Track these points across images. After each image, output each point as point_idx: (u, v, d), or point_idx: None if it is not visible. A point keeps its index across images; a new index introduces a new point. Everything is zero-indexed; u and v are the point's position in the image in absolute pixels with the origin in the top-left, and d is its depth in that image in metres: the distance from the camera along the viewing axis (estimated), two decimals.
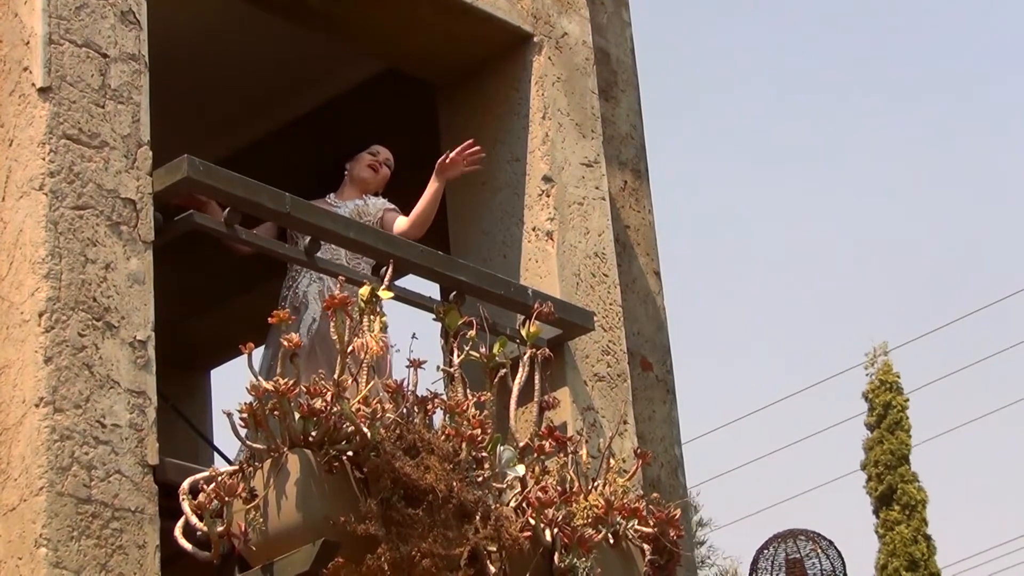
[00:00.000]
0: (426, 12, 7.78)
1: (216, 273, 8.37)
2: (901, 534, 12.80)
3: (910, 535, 13.01)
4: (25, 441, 5.95)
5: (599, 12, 8.66)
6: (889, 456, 13.10)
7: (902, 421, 13.15)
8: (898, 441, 13.11)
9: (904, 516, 12.91)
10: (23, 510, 5.89)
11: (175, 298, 7.24)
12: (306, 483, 6.08)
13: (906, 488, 12.97)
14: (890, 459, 13.11)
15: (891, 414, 13.26)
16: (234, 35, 8.43)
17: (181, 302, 8.00)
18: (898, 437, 13.12)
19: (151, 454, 6.14)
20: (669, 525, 6.96)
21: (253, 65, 8.68)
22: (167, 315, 6.53)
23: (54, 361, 6.00)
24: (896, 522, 12.84)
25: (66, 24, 6.36)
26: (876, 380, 13.21)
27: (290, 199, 6.93)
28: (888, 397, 13.24)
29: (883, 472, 12.97)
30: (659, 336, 8.44)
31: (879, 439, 13.11)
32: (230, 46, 8.52)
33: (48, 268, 6.09)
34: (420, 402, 6.43)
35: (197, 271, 8.53)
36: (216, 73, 8.63)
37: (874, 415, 13.27)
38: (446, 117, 8.24)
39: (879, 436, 13.09)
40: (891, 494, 12.97)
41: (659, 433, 8.19)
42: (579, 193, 7.91)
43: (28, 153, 6.23)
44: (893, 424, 13.19)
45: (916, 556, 12.74)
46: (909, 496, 13.00)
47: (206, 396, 9.71)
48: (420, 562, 6.12)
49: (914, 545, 12.97)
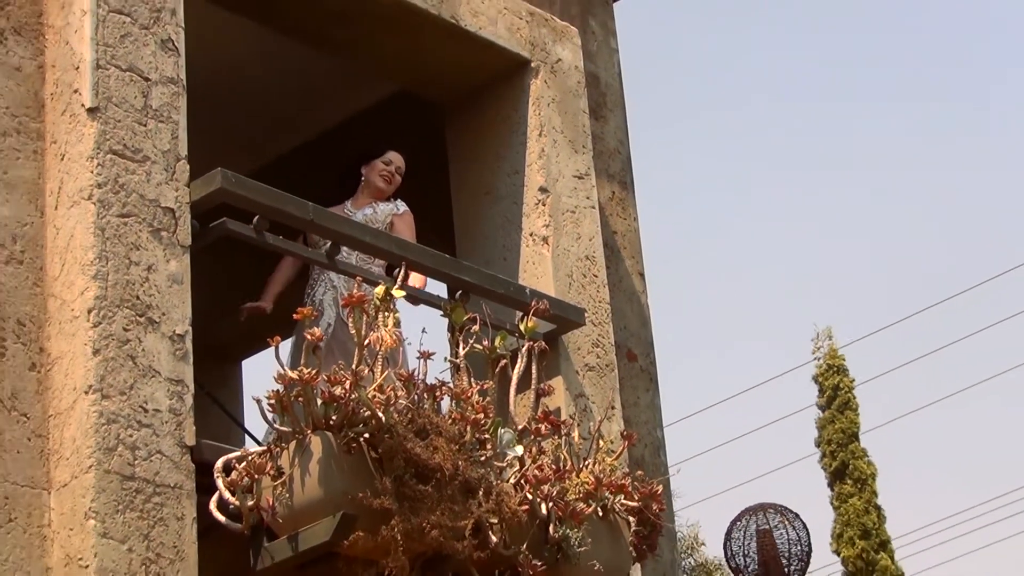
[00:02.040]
0: (434, 40, 7.76)
1: (247, 275, 8.34)
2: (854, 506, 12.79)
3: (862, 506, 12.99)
4: (76, 424, 5.94)
5: (590, 40, 8.64)
6: (840, 435, 13.09)
7: (850, 401, 13.14)
8: (848, 420, 13.09)
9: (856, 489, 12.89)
10: (74, 486, 5.88)
11: (211, 297, 7.20)
12: (327, 462, 6.08)
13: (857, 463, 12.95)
14: (841, 437, 13.09)
15: (840, 395, 13.24)
16: (263, 60, 8.45)
17: (216, 300, 7.96)
18: (847, 416, 13.10)
19: (188, 436, 6.12)
20: (652, 500, 6.96)
21: (280, 87, 8.72)
22: (203, 311, 6.51)
23: (101, 353, 5.98)
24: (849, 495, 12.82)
25: (112, 51, 6.34)
26: (824, 364, 13.18)
27: (312, 207, 6.93)
28: (836, 380, 13.22)
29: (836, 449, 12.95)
30: (643, 331, 8.44)
31: (830, 419, 13.09)
32: (259, 70, 8.55)
33: (96, 270, 6.07)
34: (429, 389, 6.42)
35: (230, 273, 8.50)
36: (247, 94, 8.66)
37: (824, 397, 13.25)
38: (452, 134, 8.23)
39: (830, 416, 13.07)
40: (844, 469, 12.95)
41: (643, 417, 8.18)
42: (572, 202, 7.89)
43: (78, 167, 6.21)
44: (842, 405, 13.18)
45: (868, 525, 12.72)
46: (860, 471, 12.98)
47: (238, 384, 9.73)
48: (429, 532, 6.12)
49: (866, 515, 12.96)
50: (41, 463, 5.96)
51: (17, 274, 6.12)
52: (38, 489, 5.92)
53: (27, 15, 6.43)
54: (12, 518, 5.82)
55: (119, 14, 6.39)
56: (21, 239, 6.17)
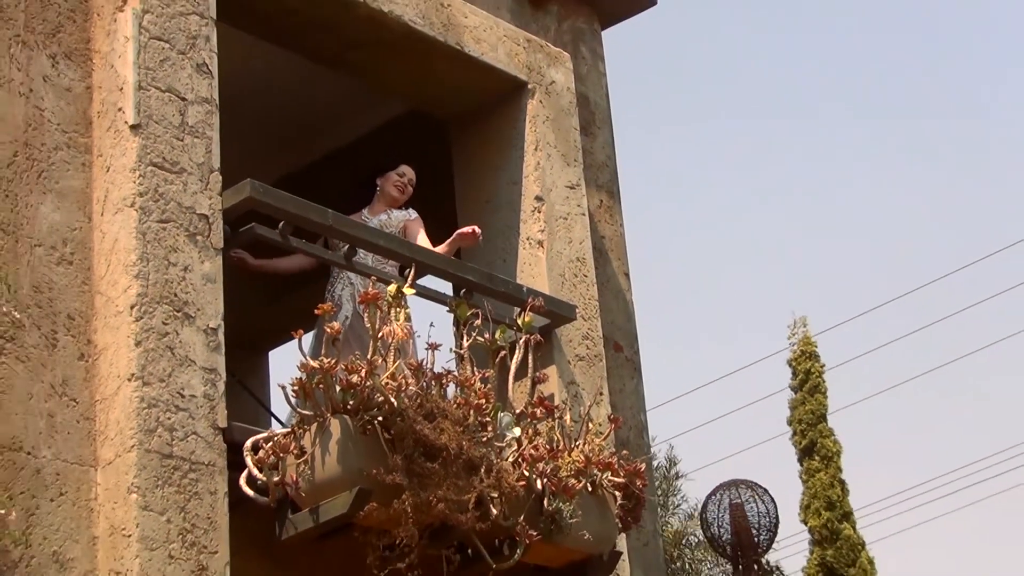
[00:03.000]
0: (440, 64, 7.75)
1: (273, 275, 8.32)
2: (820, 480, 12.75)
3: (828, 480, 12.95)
4: (120, 408, 5.95)
5: (581, 64, 8.64)
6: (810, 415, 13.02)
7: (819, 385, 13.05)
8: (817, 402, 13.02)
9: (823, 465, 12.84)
10: (118, 464, 5.89)
11: (242, 294, 7.20)
12: (345, 443, 6.09)
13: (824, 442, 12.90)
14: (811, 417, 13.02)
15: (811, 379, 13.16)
16: (287, 81, 8.42)
17: (246, 297, 7.95)
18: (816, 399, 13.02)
19: (221, 419, 6.13)
20: (636, 476, 6.95)
21: (302, 105, 8.69)
22: (234, 307, 6.51)
23: (143, 344, 5.99)
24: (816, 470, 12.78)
25: (152, 74, 6.34)
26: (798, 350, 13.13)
27: (332, 214, 6.92)
28: (808, 365, 13.13)
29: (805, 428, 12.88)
30: (628, 324, 8.42)
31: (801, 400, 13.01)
32: (284, 90, 8.52)
33: (138, 270, 6.07)
34: (436, 377, 6.43)
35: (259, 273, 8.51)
36: (273, 111, 8.63)
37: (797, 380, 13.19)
38: (457, 149, 8.22)
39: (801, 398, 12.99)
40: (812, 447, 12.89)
41: (628, 402, 8.17)
42: (564, 210, 7.88)
43: (121, 177, 6.22)
44: (813, 388, 13.09)
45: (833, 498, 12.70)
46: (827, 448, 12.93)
47: (265, 372, 9.69)
48: (436, 505, 6.12)
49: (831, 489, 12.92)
50: (89, 443, 5.97)
51: (67, 274, 6.13)
52: (86, 466, 5.93)
53: (76, 41, 6.43)
54: (63, 492, 5.84)
55: (159, 40, 6.40)
56: (71, 242, 6.18)
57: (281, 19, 7.36)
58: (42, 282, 6.04)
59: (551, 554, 6.76)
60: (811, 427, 13.03)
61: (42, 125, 6.22)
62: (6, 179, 6.05)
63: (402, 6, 7.46)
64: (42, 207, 6.13)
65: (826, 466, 12.93)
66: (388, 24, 7.43)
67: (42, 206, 6.13)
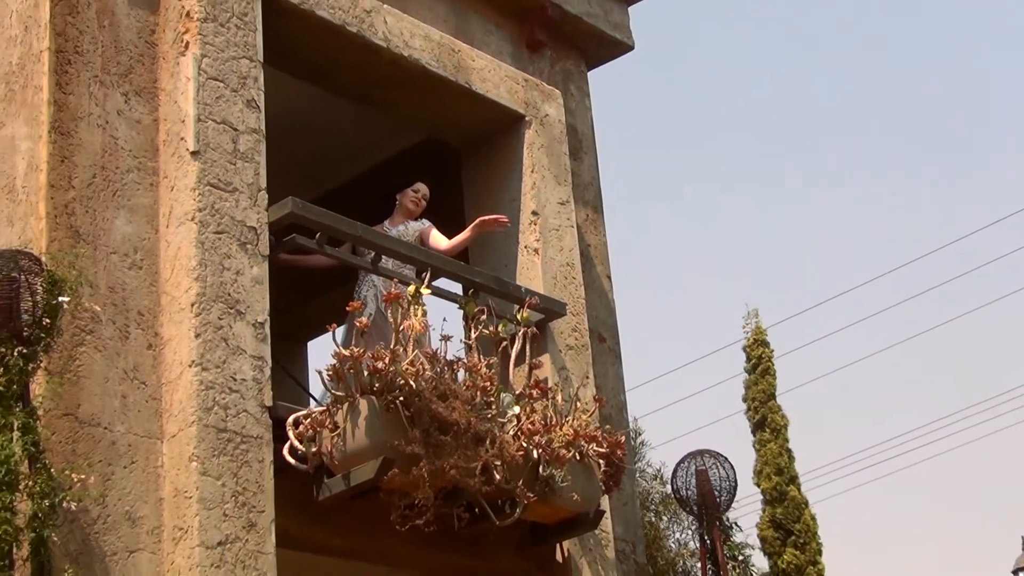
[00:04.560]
0: (452, 100, 7.75)
1: (311, 278, 8.33)
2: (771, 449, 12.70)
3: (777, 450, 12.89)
4: (182, 390, 5.95)
5: (570, 100, 8.63)
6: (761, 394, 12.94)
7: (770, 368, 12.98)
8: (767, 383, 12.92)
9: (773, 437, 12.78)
10: (181, 437, 5.90)
11: (284, 294, 7.20)
12: (371, 419, 6.09)
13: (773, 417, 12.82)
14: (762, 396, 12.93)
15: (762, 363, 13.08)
16: (323, 114, 8.41)
17: (288, 296, 7.95)
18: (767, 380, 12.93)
19: (267, 399, 6.12)
20: (617, 447, 6.95)
21: (335, 134, 8.68)
22: (279, 305, 6.50)
23: (201, 336, 5.99)
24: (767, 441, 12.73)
25: (209, 108, 6.33)
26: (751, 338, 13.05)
27: (360, 226, 6.94)
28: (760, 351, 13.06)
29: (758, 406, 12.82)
30: (610, 319, 8.41)
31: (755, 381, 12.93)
32: (320, 122, 8.50)
33: (197, 273, 6.07)
34: (448, 364, 6.42)
35: (298, 276, 8.51)
36: (311, 139, 8.61)
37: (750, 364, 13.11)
38: (466, 171, 8.21)
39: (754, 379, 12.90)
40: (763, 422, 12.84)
41: (610, 385, 8.16)
42: (556, 223, 7.88)
43: (183, 196, 6.22)
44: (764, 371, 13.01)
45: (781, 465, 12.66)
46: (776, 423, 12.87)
47: (304, 360, 9.66)
48: (449, 472, 6.13)
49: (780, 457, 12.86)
50: (156, 420, 5.96)
51: (138, 277, 6.13)
52: (153, 439, 5.93)
53: (145, 81, 6.43)
54: (134, 461, 5.85)
55: (215, 80, 6.40)
56: (141, 250, 6.17)
57: (317, 63, 7.36)
58: (116, 284, 6.04)
59: (545, 512, 6.77)
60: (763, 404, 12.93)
61: (116, 152, 6.22)
62: (86, 197, 6.05)
63: (419, 51, 7.46)
64: (116, 220, 6.12)
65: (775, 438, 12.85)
66: (407, 66, 7.43)
67: (116, 220, 6.12)
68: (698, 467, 8.01)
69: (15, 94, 6.20)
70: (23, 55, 6.22)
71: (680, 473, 8.07)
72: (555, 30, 8.59)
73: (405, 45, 7.38)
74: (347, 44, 7.20)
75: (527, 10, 8.43)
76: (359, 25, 7.18)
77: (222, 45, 6.46)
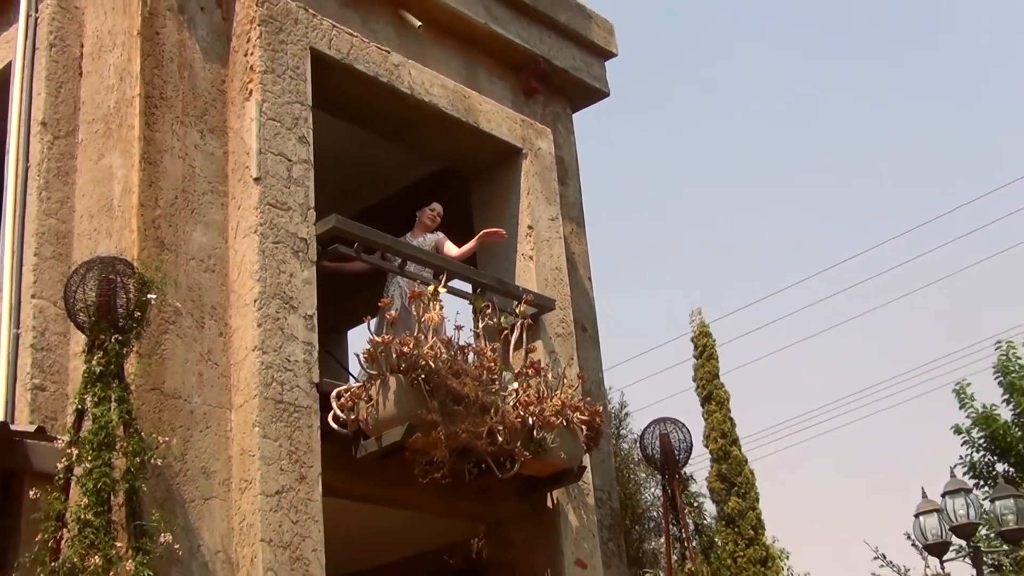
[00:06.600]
0: (464, 136, 7.73)
1: (351, 279, 8.31)
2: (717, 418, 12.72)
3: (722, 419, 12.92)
4: (247, 369, 5.94)
5: (559, 135, 8.62)
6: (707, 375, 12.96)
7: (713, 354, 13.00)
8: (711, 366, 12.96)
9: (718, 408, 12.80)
10: (246, 407, 5.88)
11: (329, 292, 7.17)
12: (399, 393, 6.08)
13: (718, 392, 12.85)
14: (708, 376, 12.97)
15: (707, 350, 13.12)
16: (359, 148, 8.38)
17: (332, 295, 7.92)
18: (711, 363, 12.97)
19: (315, 376, 6.11)
20: (596, 415, 6.94)
21: (369, 163, 8.64)
22: (324, 301, 6.49)
23: (262, 326, 5.98)
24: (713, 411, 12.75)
25: (268, 143, 6.32)
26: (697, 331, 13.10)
27: (390, 237, 6.91)
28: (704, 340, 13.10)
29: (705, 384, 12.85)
30: (591, 313, 8.40)
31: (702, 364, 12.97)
32: (357, 153, 8.47)
33: (259, 275, 6.06)
34: (461, 349, 6.43)
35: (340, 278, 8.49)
36: (349, 167, 8.58)
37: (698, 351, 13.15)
38: (474, 194, 8.18)
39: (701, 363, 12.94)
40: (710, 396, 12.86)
41: (591, 365, 8.14)
42: (547, 235, 7.87)
43: (248, 213, 6.20)
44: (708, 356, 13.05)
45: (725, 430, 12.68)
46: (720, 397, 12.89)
47: (345, 346, 9.64)
48: (461, 435, 6.13)
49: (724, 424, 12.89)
50: (226, 393, 5.96)
51: (211, 278, 6.12)
52: (224, 408, 5.93)
53: (217, 121, 6.43)
54: (208, 426, 5.85)
55: (273, 120, 6.39)
56: (213, 257, 6.17)
57: (355, 107, 7.34)
58: (194, 284, 6.03)
59: (539, 467, 6.76)
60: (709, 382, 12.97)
61: (194, 178, 6.21)
62: (169, 214, 6.05)
63: (437, 97, 7.45)
64: (194, 233, 6.12)
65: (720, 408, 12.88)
66: (427, 109, 7.42)
67: (194, 232, 6.12)
68: (662, 431, 8.00)
69: (112, 131, 6.20)
70: (119, 100, 6.23)
71: (647, 436, 8.06)
72: (546, 80, 8.59)
73: (426, 92, 7.37)
74: (380, 91, 7.19)
75: (524, 64, 8.43)
76: (389, 76, 7.18)
77: (279, 92, 6.45)
